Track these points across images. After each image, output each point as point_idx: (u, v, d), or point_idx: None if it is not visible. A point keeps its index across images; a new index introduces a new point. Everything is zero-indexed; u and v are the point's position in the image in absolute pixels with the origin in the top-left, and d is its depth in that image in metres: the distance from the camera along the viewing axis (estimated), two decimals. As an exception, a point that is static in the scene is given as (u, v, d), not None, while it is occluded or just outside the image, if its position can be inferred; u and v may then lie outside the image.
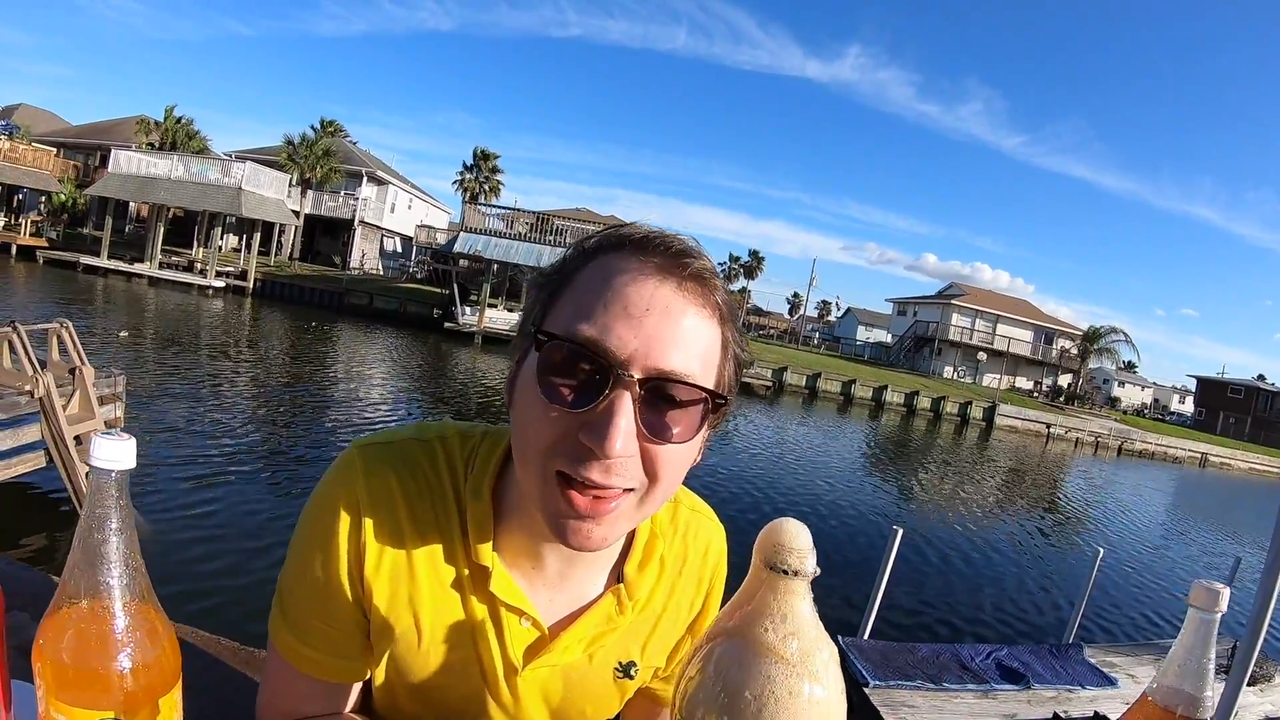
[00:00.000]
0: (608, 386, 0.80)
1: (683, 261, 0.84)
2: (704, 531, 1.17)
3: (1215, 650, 0.81)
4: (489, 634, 1.01)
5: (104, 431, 0.60)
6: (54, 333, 8.07)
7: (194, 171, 34.72)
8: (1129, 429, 44.67)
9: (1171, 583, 13.27)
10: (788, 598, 0.65)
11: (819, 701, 0.64)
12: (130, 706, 0.63)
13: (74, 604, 0.62)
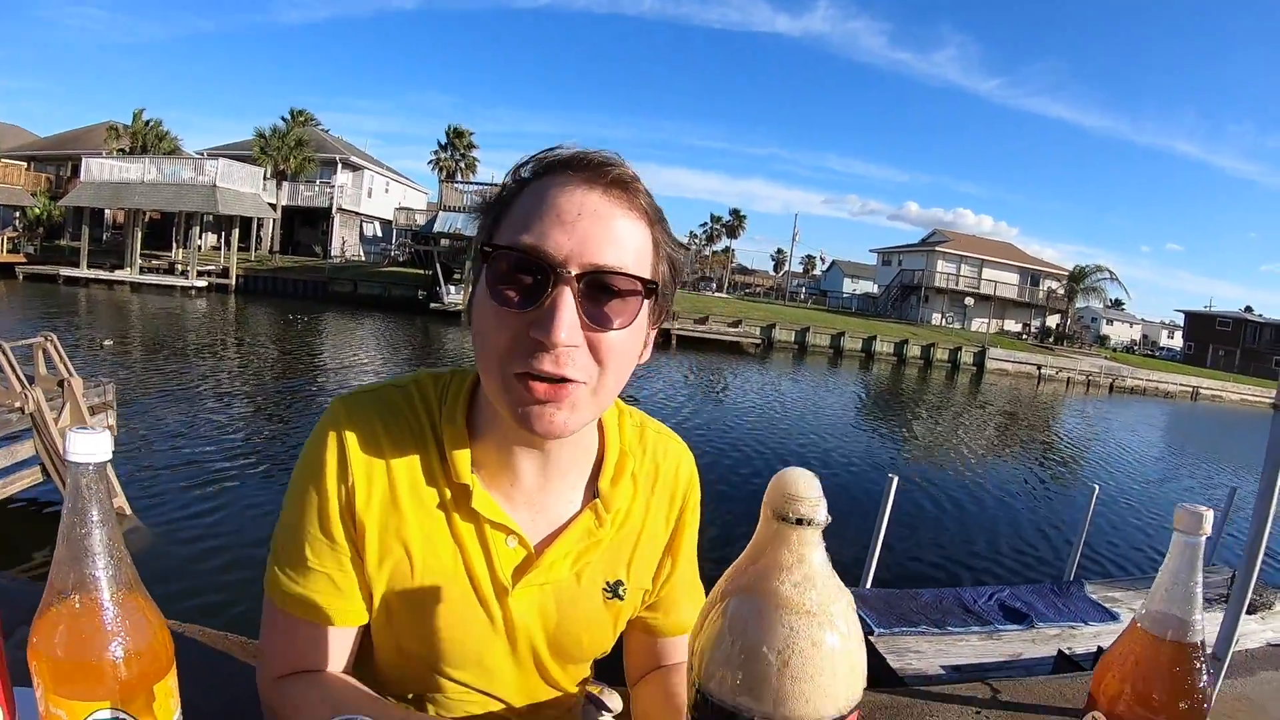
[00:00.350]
0: (549, 285, 0.89)
1: (604, 170, 0.94)
2: (672, 451, 1.25)
3: (1202, 574, 0.82)
4: (478, 553, 1.07)
5: (78, 427, 0.61)
6: (39, 347, 8.05)
7: (167, 173, 34.35)
8: (1119, 366, 44.76)
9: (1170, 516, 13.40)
10: (801, 548, 0.64)
11: (840, 651, 0.63)
12: (126, 695, 0.65)
13: (63, 600, 0.64)
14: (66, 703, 0.63)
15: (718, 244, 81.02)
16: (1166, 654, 0.81)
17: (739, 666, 0.62)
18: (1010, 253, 60.89)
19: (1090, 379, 41.58)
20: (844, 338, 40.36)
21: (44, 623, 0.63)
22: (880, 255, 67.51)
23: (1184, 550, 0.82)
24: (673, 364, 27.82)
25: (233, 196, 34.78)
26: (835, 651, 0.62)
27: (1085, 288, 54.12)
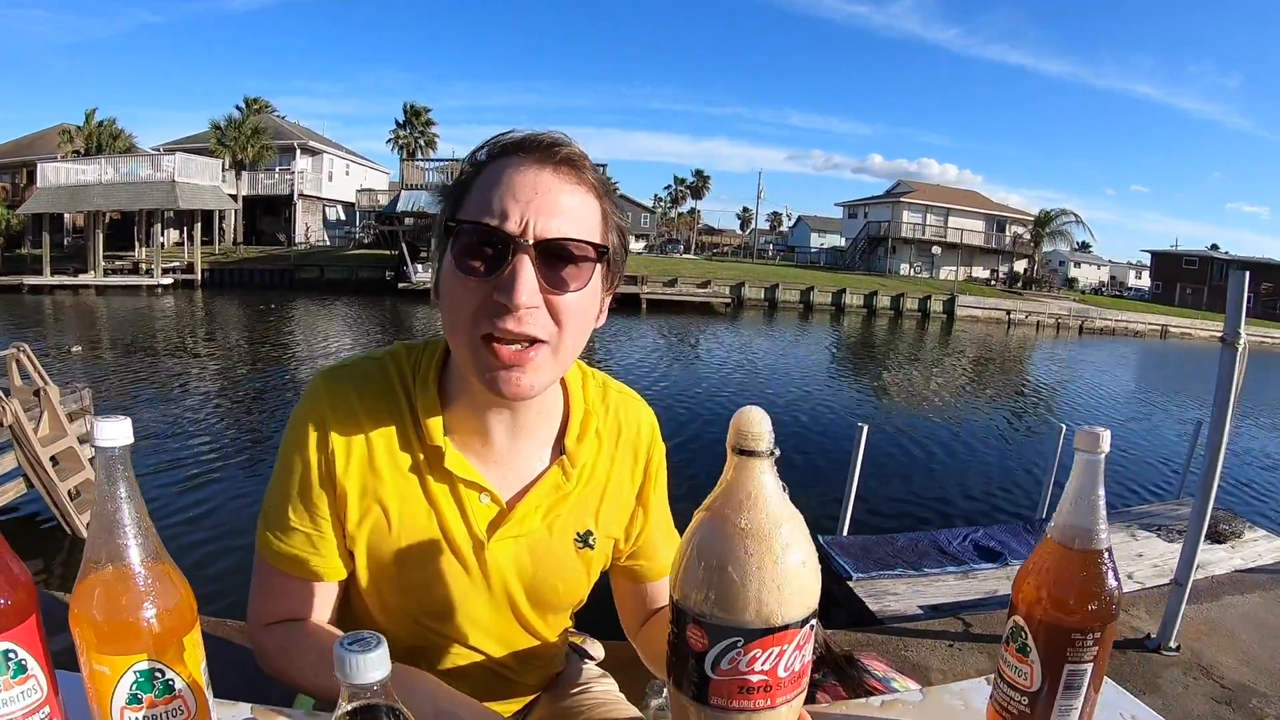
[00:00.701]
0: (510, 253, 1.00)
1: (553, 150, 1.05)
2: (633, 410, 1.35)
3: (1103, 487, 0.92)
4: (452, 510, 1.18)
5: (100, 414, 0.70)
6: (12, 358, 8.02)
7: (124, 172, 33.78)
8: (1088, 308, 45.11)
9: (1141, 452, 13.63)
10: (753, 475, 0.76)
11: (792, 567, 0.75)
12: (160, 647, 0.75)
13: (98, 569, 0.73)
14: (109, 659, 0.73)
15: (683, 205, 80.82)
16: (1076, 561, 0.91)
17: (707, 584, 0.75)
18: (975, 200, 61.08)
19: (1060, 321, 41.87)
20: (813, 292, 40.54)
21: (82, 591, 0.73)
22: (846, 209, 67.49)
23: (1086, 467, 0.91)
24: (643, 328, 27.92)
25: (192, 191, 34.30)
26: (787, 568, 0.75)
27: (1051, 231, 54.42)
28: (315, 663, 1.12)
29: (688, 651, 0.77)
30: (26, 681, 0.77)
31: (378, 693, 0.62)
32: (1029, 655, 0.92)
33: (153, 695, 0.75)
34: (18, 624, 0.76)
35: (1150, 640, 4.03)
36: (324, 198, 47.79)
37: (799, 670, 0.78)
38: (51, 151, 39.21)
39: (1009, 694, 0.95)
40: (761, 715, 0.78)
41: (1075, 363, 29.25)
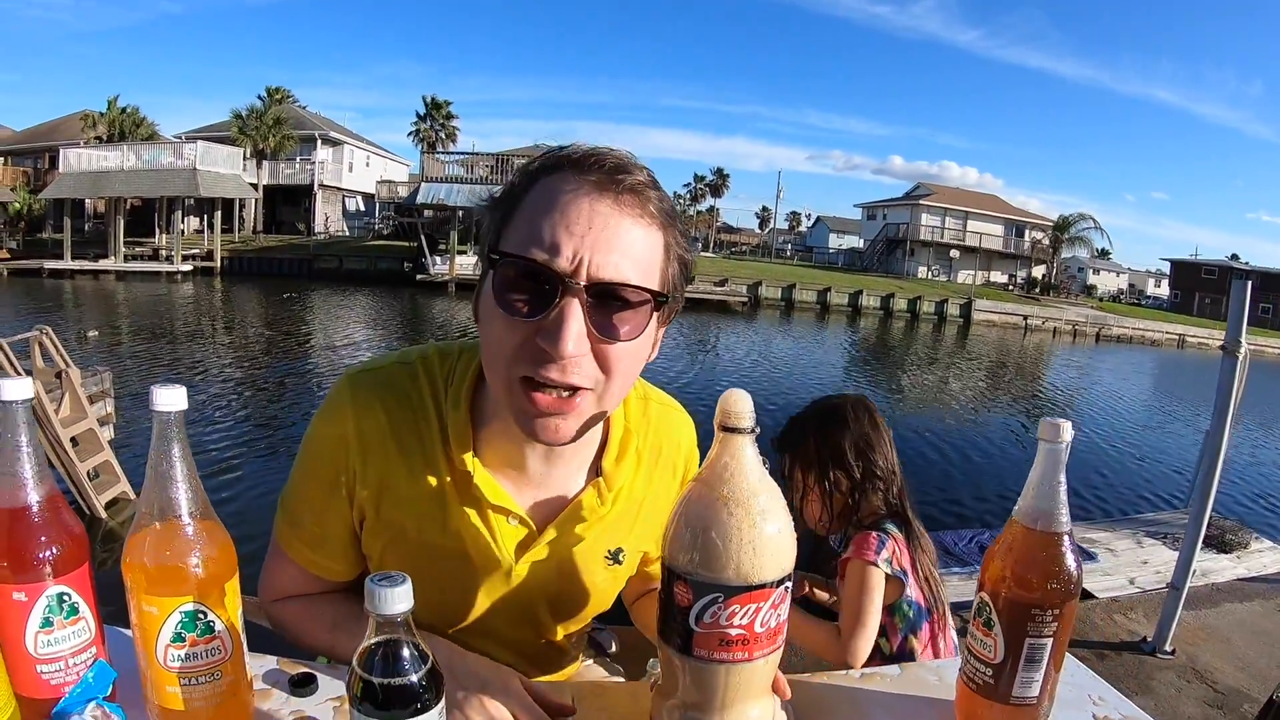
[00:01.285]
0: (557, 296, 0.91)
1: (617, 178, 0.94)
2: (675, 424, 1.31)
3: (1065, 475, 0.97)
4: (479, 533, 1.14)
5: (159, 382, 0.79)
6: (35, 340, 8.13)
7: (146, 159, 33.94)
8: (1105, 315, 44.65)
9: (1154, 461, 13.57)
10: (734, 451, 0.86)
11: (768, 531, 0.84)
12: (204, 591, 0.84)
13: (150, 520, 0.82)
14: (158, 600, 0.82)
15: (702, 203, 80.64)
16: (1038, 542, 0.97)
17: (692, 546, 0.84)
18: (995, 204, 60.79)
19: (1076, 328, 41.54)
20: (830, 293, 40.35)
21: (135, 540, 0.82)
22: (865, 210, 67.28)
23: (1048, 455, 0.97)
24: (659, 325, 27.92)
25: (213, 179, 34.49)
26: (764, 531, 0.84)
27: (1070, 237, 54.15)
28: (331, 625, 1.17)
29: (674, 607, 0.86)
30: (78, 623, 0.87)
31: (401, 626, 0.70)
32: (993, 629, 0.98)
33: (195, 634, 0.84)
34: (72, 570, 0.85)
35: (1146, 643, 4.08)
36: (344, 188, 47.98)
37: (775, 628, 0.87)
38: (74, 137, 39.46)
39: (975, 666, 1.01)
40: (740, 667, 0.86)
41: (1091, 370, 29.04)
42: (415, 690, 0.71)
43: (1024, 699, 0.99)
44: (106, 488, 7.64)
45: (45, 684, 0.86)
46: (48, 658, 0.85)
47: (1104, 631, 4.25)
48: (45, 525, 0.84)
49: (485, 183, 32.89)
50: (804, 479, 1.93)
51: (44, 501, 0.84)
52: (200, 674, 0.85)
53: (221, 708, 0.89)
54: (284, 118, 43.49)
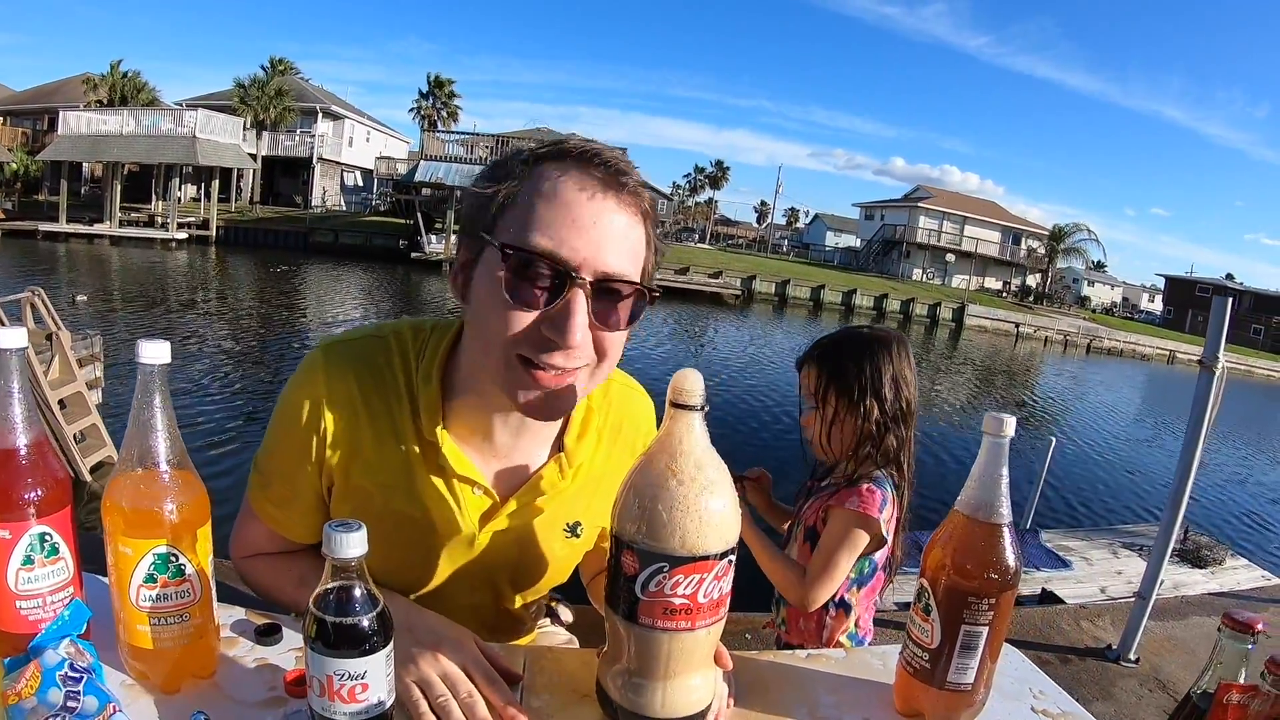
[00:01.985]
0: (565, 288, 0.98)
1: (621, 180, 1.01)
2: (635, 404, 1.37)
3: (1006, 469, 1.01)
4: (444, 502, 1.19)
5: (146, 337, 0.83)
6: (27, 301, 8.15)
7: (145, 124, 33.65)
8: (1097, 327, 44.62)
9: (1139, 475, 13.71)
10: (684, 426, 0.90)
11: (713, 505, 0.89)
12: (176, 535, 0.89)
13: (130, 466, 0.87)
14: (133, 541, 0.87)
15: (701, 195, 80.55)
16: (979, 532, 1.01)
17: (639, 517, 0.88)
18: (993, 210, 60.81)
19: (1068, 339, 41.58)
20: (824, 290, 40.34)
21: (115, 484, 0.87)
22: (863, 209, 67.23)
23: (991, 449, 1.01)
24: (652, 313, 27.85)
25: (212, 147, 34.30)
26: (709, 505, 0.88)
27: (1066, 248, 54.22)
28: (298, 581, 1.22)
29: (621, 576, 0.90)
30: (58, 563, 0.92)
31: (355, 570, 0.75)
32: (931, 615, 1.03)
33: (166, 576, 0.89)
34: (55, 512, 0.90)
35: (1110, 651, 4.14)
36: (343, 163, 47.82)
37: (717, 599, 0.91)
38: (73, 100, 39.07)
39: (914, 651, 1.06)
40: (682, 636, 0.91)
41: (1081, 380, 29.14)
42: (365, 631, 0.76)
43: (959, 685, 1.03)
44: (92, 451, 7.67)
45: (24, 619, 0.91)
46: (27, 594, 0.90)
47: (1070, 637, 4.31)
48: (31, 468, 0.88)
49: (484, 164, 32.76)
50: (836, 402, 1.89)
51: (31, 445, 0.89)
52: (170, 615, 0.91)
53: (189, 649, 0.94)
54: (286, 89, 43.27)
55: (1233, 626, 0.80)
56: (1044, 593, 5.96)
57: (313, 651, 0.76)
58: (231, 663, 1.03)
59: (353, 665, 0.75)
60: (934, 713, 1.07)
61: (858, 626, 1.94)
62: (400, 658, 0.85)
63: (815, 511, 1.91)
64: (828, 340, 1.99)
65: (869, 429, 1.84)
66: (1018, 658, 1.31)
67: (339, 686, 0.75)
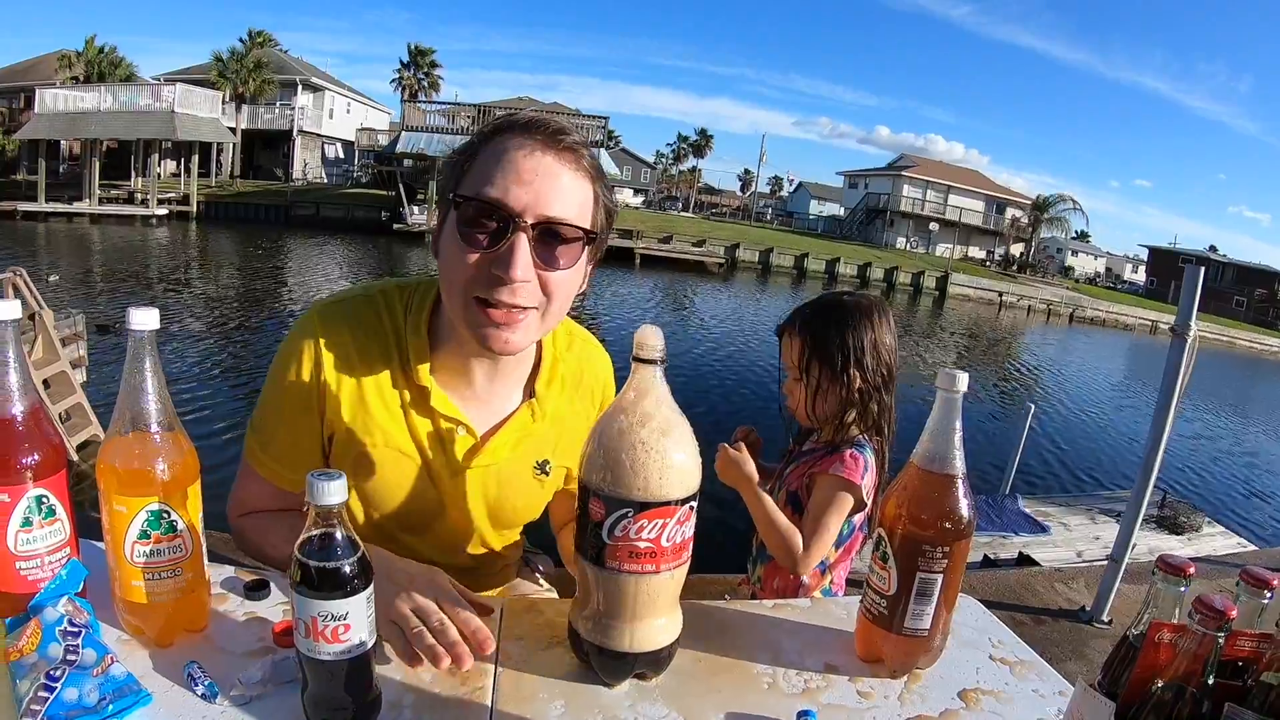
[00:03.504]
0: (509, 231, 1.13)
1: (558, 138, 1.16)
2: (594, 357, 1.53)
3: (960, 422, 1.06)
4: (433, 442, 1.33)
5: (134, 306, 0.88)
6: (8, 282, 8.06)
7: (123, 101, 33.10)
8: (1080, 297, 44.78)
9: (1120, 442, 13.88)
10: (645, 379, 0.96)
11: (673, 452, 0.94)
12: (168, 493, 0.94)
13: (123, 428, 0.92)
14: (127, 499, 0.92)
15: (684, 163, 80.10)
16: (933, 483, 1.06)
17: (604, 465, 0.94)
18: (977, 180, 60.85)
19: (1051, 308, 41.69)
20: (808, 259, 40.46)
21: (108, 446, 0.92)
22: (847, 178, 67.15)
23: (944, 403, 1.06)
24: (636, 282, 27.93)
25: (191, 122, 33.89)
26: (669, 452, 0.94)
27: (1049, 218, 54.31)
28: (287, 537, 1.27)
29: (589, 522, 0.96)
30: (55, 524, 0.97)
31: (336, 517, 0.81)
32: (888, 563, 1.08)
33: (159, 532, 0.94)
34: (51, 475, 0.95)
35: (1084, 612, 4.23)
36: (323, 135, 47.41)
37: (680, 543, 0.97)
38: (49, 78, 38.31)
39: (873, 598, 1.11)
40: (648, 578, 0.96)
41: (1062, 349, 29.34)
42: (346, 574, 0.81)
43: (915, 630, 1.08)
44: (78, 430, 7.64)
45: (23, 579, 0.96)
46: (26, 554, 0.95)
47: (1045, 599, 4.40)
48: (28, 433, 0.93)
49: (466, 133, 32.43)
50: (819, 371, 1.90)
51: (28, 412, 0.94)
52: (163, 569, 0.96)
53: (181, 603, 0.99)
54: (265, 61, 42.72)
55: (1166, 570, 0.85)
56: (1021, 556, 6.06)
57: (298, 595, 0.81)
58: (222, 617, 1.08)
59: (335, 606, 0.80)
60: (893, 657, 1.12)
61: (832, 584, 1.99)
62: (379, 605, 0.91)
63: (798, 477, 1.93)
64: (808, 308, 1.99)
65: (852, 396, 1.87)
66: (978, 609, 1.37)
67: (323, 627, 0.81)
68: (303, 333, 1.29)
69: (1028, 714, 1.08)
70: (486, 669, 1.04)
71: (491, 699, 0.99)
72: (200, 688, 0.91)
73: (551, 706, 0.98)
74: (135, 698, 0.87)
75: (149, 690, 0.89)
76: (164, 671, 0.95)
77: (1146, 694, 0.81)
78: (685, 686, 1.05)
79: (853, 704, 1.06)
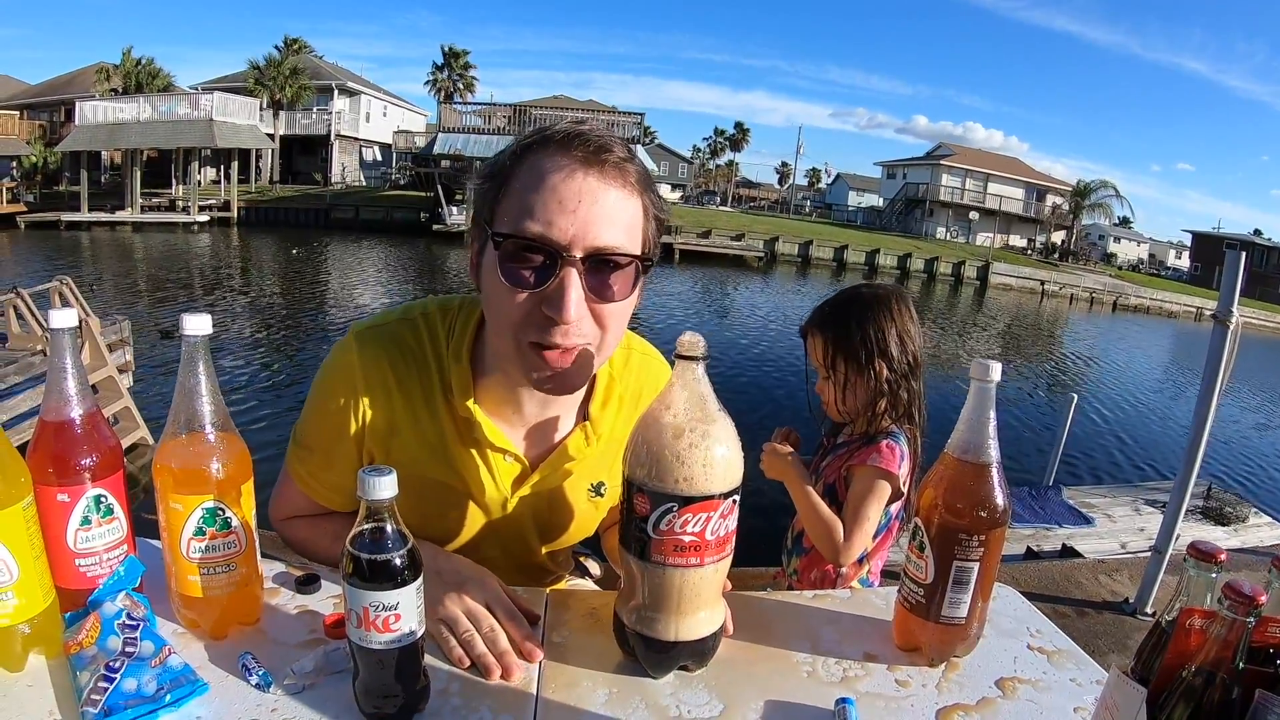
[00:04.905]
0: (557, 267, 1.04)
1: (601, 156, 1.05)
2: (654, 372, 1.43)
3: (993, 412, 1.06)
4: (478, 471, 1.27)
5: (188, 312, 0.92)
6: (55, 291, 8.31)
7: (162, 110, 33.61)
8: (1123, 284, 43.93)
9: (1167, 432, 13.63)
10: (689, 377, 0.97)
11: (718, 452, 0.95)
12: (222, 491, 0.97)
13: (178, 429, 0.95)
14: (183, 498, 0.95)
15: (721, 157, 79.94)
16: (968, 472, 1.06)
17: (649, 461, 0.95)
18: (1016, 167, 59.95)
19: (1094, 296, 40.97)
20: (847, 251, 40.06)
21: (164, 447, 0.96)
22: (885, 168, 66.28)
23: (978, 393, 1.06)
24: (676, 278, 27.87)
25: (230, 129, 34.37)
26: (712, 447, 0.95)
27: (1090, 204, 53.39)
28: (334, 537, 1.30)
29: (634, 516, 0.98)
30: (113, 522, 1.00)
31: (386, 511, 0.84)
32: (925, 552, 1.08)
33: (214, 529, 0.98)
34: (108, 475, 0.98)
35: (1127, 604, 4.18)
36: (360, 138, 47.82)
37: (724, 536, 0.99)
38: (88, 90, 38.87)
39: (910, 587, 1.12)
40: (692, 572, 0.98)
41: (1106, 338, 28.83)
42: (396, 566, 0.84)
43: (953, 619, 1.09)
44: (126, 434, 7.81)
45: (82, 576, 0.99)
46: (85, 552, 0.99)
47: (1088, 590, 4.36)
48: (86, 437, 0.97)
49: (502, 133, 32.79)
50: (845, 367, 1.90)
51: (85, 416, 0.97)
52: (218, 564, 1.00)
53: (235, 596, 1.03)
54: (301, 68, 43.26)
55: (1197, 556, 0.85)
56: (1064, 548, 5.99)
57: (350, 586, 0.83)
58: (275, 610, 1.12)
59: (386, 597, 0.83)
60: (930, 645, 1.12)
61: (870, 574, 2.00)
62: (428, 600, 0.92)
63: (835, 470, 1.94)
64: (828, 306, 1.99)
65: (881, 387, 1.87)
66: (1016, 599, 1.37)
67: (375, 617, 0.83)
68: (339, 359, 1.26)
69: (1065, 703, 1.08)
70: (532, 658, 1.06)
71: (536, 687, 1.01)
72: (254, 677, 0.94)
73: (595, 695, 1.00)
74: (192, 687, 0.90)
75: (205, 680, 0.93)
76: (219, 662, 0.98)
77: (1177, 680, 0.81)
78: (726, 675, 1.07)
79: (891, 692, 1.07)
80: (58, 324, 0.93)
